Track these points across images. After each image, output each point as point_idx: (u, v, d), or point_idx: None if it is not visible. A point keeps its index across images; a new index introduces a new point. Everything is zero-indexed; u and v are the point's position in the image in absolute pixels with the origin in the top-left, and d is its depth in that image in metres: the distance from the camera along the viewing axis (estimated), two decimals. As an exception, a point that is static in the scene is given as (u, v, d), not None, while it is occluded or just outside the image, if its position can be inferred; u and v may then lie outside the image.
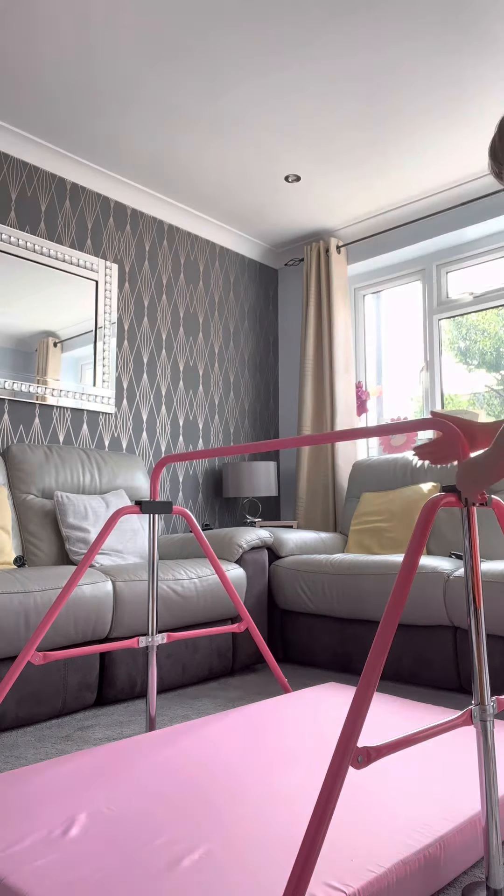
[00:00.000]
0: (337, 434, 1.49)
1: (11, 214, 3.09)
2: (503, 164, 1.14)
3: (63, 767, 1.50)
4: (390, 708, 1.98)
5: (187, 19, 2.40)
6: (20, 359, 3.04)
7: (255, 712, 1.94)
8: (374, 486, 3.49)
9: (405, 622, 2.58)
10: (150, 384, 3.62)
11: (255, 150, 3.23)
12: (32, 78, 2.70)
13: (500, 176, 1.16)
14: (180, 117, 2.97)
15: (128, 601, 2.34)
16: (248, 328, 4.22)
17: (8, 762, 1.78)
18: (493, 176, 1.19)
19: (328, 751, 1.62)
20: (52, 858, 1.09)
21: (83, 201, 3.39)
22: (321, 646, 2.86)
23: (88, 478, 3.02)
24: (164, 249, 3.76)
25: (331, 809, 0.90)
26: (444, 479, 3.22)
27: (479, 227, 3.59)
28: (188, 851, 1.11)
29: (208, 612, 2.61)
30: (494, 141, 1.15)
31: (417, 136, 3.10)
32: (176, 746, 1.64)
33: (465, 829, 1.20)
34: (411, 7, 2.34)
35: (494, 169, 1.16)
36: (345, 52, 2.56)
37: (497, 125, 1.16)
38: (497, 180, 1.19)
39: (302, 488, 3.88)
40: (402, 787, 1.38)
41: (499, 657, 2.34)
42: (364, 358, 4.16)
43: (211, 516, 3.86)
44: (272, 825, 1.21)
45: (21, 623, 2.05)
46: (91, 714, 2.22)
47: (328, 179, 3.49)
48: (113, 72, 2.66)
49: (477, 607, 1.14)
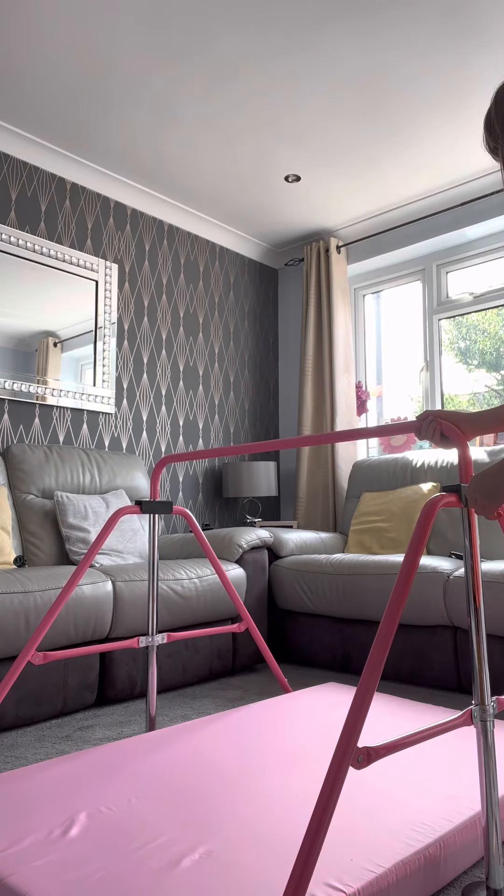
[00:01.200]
0: (337, 435, 1.49)
1: (11, 214, 3.09)
2: (499, 138, 1.08)
3: (63, 767, 1.50)
4: (390, 708, 1.98)
5: (187, 19, 2.39)
6: (20, 359, 3.04)
7: (255, 712, 1.94)
8: (374, 486, 3.49)
9: (405, 622, 2.58)
10: (150, 384, 3.62)
11: (255, 150, 3.23)
12: (32, 78, 2.69)
13: (494, 151, 1.11)
14: (180, 117, 2.97)
15: (128, 601, 2.34)
16: (248, 328, 4.22)
17: (8, 762, 1.78)
18: (488, 151, 1.13)
19: (328, 751, 1.62)
20: (52, 858, 1.09)
21: (83, 201, 3.39)
22: (321, 646, 2.86)
23: (88, 478, 3.01)
24: (164, 249, 3.76)
25: (331, 809, 0.90)
26: (444, 479, 3.22)
27: (479, 227, 3.59)
28: (188, 851, 1.11)
29: (208, 612, 2.61)
30: (490, 112, 1.09)
31: (417, 136, 3.10)
32: (176, 746, 1.64)
33: (465, 829, 1.20)
34: (411, 7, 2.34)
35: (489, 143, 1.11)
36: (345, 52, 2.56)
37: (493, 95, 1.09)
38: (492, 156, 1.15)
39: (302, 488, 3.88)
40: (402, 787, 1.38)
41: (499, 657, 2.34)
42: (364, 358, 4.16)
43: (211, 516, 3.86)
44: (272, 825, 1.21)
45: (21, 623, 2.05)
46: (91, 714, 2.22)
47: (328, 179, 3.49)
48: (113, 72, 2.66)
49: (477, 607, 1.14)
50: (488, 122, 1.10)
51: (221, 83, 2.74)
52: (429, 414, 1.24)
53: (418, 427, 1.26)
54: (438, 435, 1.22)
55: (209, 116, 2.96)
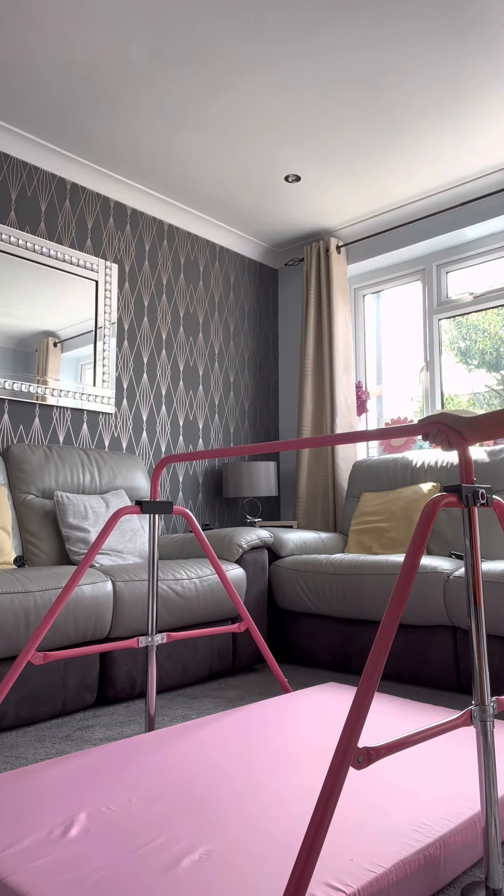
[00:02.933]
0: (337, 437, 1.50)
1: (11, 214, 3.09)
2: None
3: (63, 767, 1.50)
4: (390, 708, 1.98)
5: (187, 19, 2.39)
6: (20, 359, 3.04)
7: (255, 712, 1.94)
8: (374, 486, 3.49)
9: (405, 622, 2.58)
10: (150, 384, 3.62)
11: (255, 150, 3.23)
12: (33, 78, 2.70)
13: None
14: (180, 117, 2.97)
15: (128, 601, 2.34)
16: (248, 328, 4.22)
17: (8, 762, 1.78)
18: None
19: (328, 751, 1.62)
20: (52, 858, 1.09)
21: (83, 201, 3.39)
22: (321, 646, 2.86)
23: (88, 478, 3.01)
24: (164, 249, 3.76)
25: (331, 809, 0.90)
26: (444, 479, 3.22)
27: (479, 227, 3.59)
28: (188, 851, 1.11)
29: (208, 612, 2.61)
30: None
31: (417, 136, 3.10)
32: (176, 746, 1.64)
33: (465, 829, 1.20)
34: (410, 6, 2.34)
35: None
36: (345, 52, 2.56)
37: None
38: None
39: (302, 488, 3.88)
40: (403, 787, 1.38)
41: (499, 657, 2.34)
42: (364, 358, 4.16)
43: (211, 516, 3.86)
44: (272, 825, 1.21)
45: (21, 623, 2.05)
46: (91, 714, 2.22)
47: (328, 179, 3.49)
48: (114, 72, 2.66)
49: (477, 607, 1.14)
50: None
51: (222, 83, 2.74)
52: (437, 423, 1.25)
53: (425, 433, 1.30)
54: (446, 443, 1.26)
55: (209, 116, 2.96)
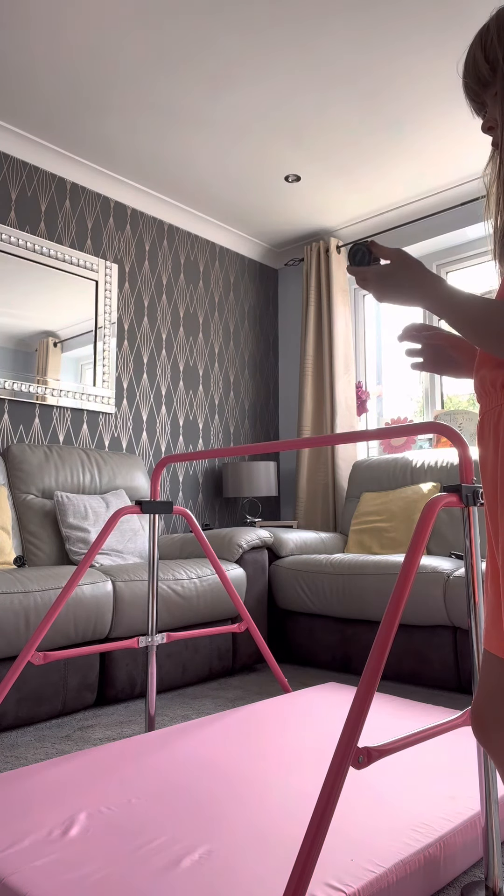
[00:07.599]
0: (337, 437, 1.50)
1: (11, 214, 3.09)
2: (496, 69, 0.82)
3: (63, 767, 1.50)
4: (390, 708, 1.98)
5: (187, 20, 2.39)
6: (20, 359, 3.04)
7: (255, 712, 1.94)
8: (374, 486, 3.49)
9: (405, 622, 2.58)
10: (150, 384, 3.62)
11: (255, 150, 3.23)
12: (33, 78, 2.69)
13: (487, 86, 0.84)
14: (181, 117, 2.97)
15: (128, 601, 2.34)
16: (248, 328, 4.22)
17: (8, 762, 1.78)
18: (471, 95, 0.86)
19: (328, 751, 1.62)
20: (52, 858, 1.09)
21: (83, 201, 3.39)
22: (321, 646, 2.86)
23: (88, 478, 3.01)
24: (164, 249, 3.76)
25: (331, 809, 0.90)
26: (444, 479, 3.22)
27: (479, 227, 3.59)
28: (188, 851, 1.11)
29: (208, 612, 2.61)
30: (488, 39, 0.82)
31: (417, 136, 3.10)
32: (176, 746, 1.64)
33: (465, 829, 1.20)
34: (410, 7, 2.34)
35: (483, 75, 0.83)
36: (344, 52, 2.55)
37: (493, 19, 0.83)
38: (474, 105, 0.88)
39: (302, 488, 3.88)
40: (402, 787, 1.38)
41: (499, 657, 2.34)
42: (364, 358, 4.16)
43: (211, 516, 3.86)
44: (272, 825, 1.21)
45: (21, 623, 2.05)
46: (91, 714, 2.22)
47: (328, 179, 3.49)
48: (113, 72, 2.66)
49: (477, 607, 1.14)
50: (484, 46, 0.83)
51: (221, 83, 2.74)
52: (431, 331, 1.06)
53: (425, 433, 1.23)
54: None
55: (209, 116, 2.96)
